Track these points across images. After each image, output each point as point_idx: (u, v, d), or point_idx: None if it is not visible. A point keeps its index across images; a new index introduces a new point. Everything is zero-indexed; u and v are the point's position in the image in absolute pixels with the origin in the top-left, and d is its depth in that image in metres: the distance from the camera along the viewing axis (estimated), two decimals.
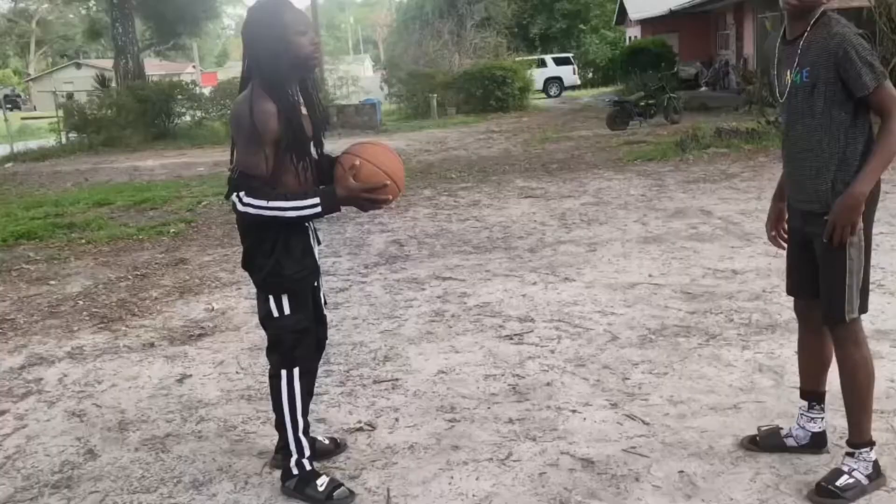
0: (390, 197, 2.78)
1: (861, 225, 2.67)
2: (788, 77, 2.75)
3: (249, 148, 2.69)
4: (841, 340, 2.79)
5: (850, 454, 2.79)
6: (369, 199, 2.75)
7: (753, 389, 3.63)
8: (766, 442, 3.09)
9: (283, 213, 2.69)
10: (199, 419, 3.74)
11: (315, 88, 2.94)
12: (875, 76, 2.59)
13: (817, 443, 3.02)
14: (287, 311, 2.85)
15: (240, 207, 2.71)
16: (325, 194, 2.72)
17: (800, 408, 3.06)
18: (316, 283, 3.02)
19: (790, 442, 3.04)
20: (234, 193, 2.71)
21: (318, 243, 3.06)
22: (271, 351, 2.96)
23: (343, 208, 2.80)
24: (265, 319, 2.92)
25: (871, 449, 2.78)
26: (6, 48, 61.95)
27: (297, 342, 2.89)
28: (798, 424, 3.05)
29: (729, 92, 24.59)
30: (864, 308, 2.78)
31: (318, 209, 2.70)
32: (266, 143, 2.66)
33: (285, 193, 2.70)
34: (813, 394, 3.02)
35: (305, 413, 2.98)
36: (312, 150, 2.86)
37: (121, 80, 24.81)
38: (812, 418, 3.02)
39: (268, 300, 2.87)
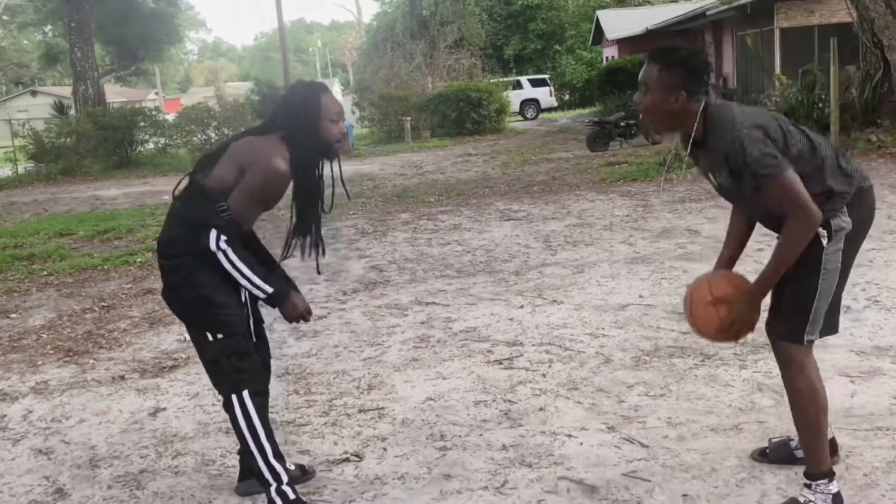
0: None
1: (840, 246, 2.56)
2: (713, 179, 2.69)
3: (247, 195, 2.75)
4: (785, 362, 2.69)
5: (808, 485, 2.67)
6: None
7: (754, 409, 3.50)
8: (776, 454, 3.01)
9: (237, 274, 2.76)
10: (176, 454, 3.55)
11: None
12: (766, 167, 2.41)
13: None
14: (220, 335, 2.81)
15: (212, 246, 2.71)
16: (280, 289, 2.83)
17: None
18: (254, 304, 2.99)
19: (799, 454, 2.91)
20: (214, 231, 2.71)
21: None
22: (215, 380, 2.90)
23: None
24: (200, 345, 2.87)
25: (831, 481, 2.63)
26: None
27: (237, 363, 2.82)
28: None
29: None
30: (833, 329, 2.69)
31: (265, 296, 2.81)
32: (257, 201, 2.79)
33: (248, 257, 2.78)
34: None
35: (270, 436, 2.86)
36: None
37: (80, 107, 23.93)
38: None
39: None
